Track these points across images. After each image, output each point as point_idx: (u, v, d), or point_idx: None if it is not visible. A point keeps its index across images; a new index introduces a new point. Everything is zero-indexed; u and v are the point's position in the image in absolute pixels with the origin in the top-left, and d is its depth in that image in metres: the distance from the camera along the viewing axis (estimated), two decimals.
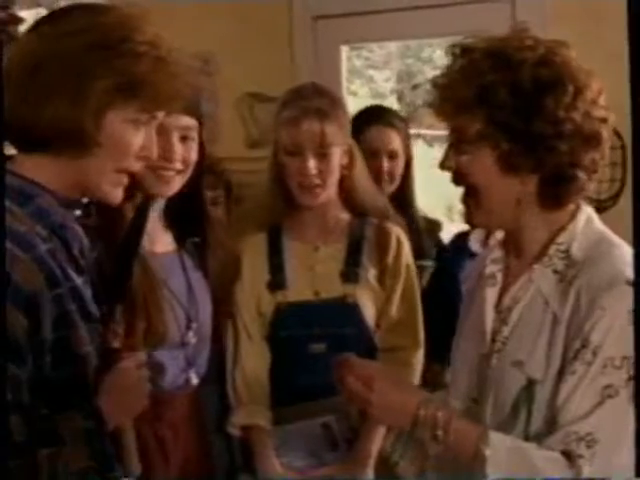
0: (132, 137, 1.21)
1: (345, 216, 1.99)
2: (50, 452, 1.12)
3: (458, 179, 1.33)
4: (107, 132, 1.18)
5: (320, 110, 1.87)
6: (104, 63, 1.15)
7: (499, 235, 1.46)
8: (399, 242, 1.98)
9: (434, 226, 2.52)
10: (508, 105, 1.24)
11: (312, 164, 1.86)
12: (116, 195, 1.25)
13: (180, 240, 1.79)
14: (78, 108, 1.14)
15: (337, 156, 1.90)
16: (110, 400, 1.24)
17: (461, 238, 2.48)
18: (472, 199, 1.33)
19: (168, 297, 1.69)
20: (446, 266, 2.37)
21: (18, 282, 1.11)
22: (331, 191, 1.93)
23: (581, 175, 1.28)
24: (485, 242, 2.29)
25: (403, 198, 2.39)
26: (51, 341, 1.16)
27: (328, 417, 1.86)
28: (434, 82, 1.32)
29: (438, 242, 2.50)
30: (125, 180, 1.24)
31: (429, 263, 2.36)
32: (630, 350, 0.95)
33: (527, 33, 1.31)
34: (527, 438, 1.28)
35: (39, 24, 1.21)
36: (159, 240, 1.73)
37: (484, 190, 1.30)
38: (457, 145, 1.31)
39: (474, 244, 2.24)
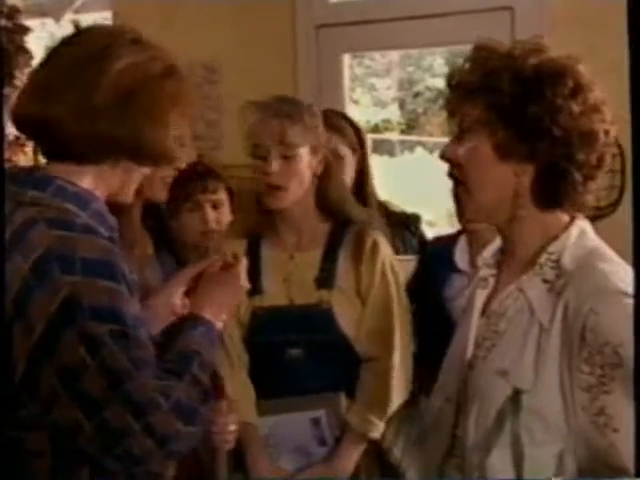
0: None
1: (325, 225, 1.98)
2: None
3: (454, 170, 1.35)
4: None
5: (280, 111, 1.90)
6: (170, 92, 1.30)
7: (487, 253, 1.47)
8: (374, 248, 1.94)
9: (412, 220, 2.47)
10: (508, 91, 1.27)
11: (275, 165, 1.88)
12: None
13: (158, 244, 1.85)
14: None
15: (304, 160, 1.91)
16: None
17: (442, 242, 2.42)
18: (465, 192, 1.34)
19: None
20: (427, 270, 2.28)
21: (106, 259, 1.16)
22: (298, 195, 1.92)
23: (575, 173, 1.28)
24: (473, 261, 2.25)
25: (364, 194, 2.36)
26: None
27: (318, 411, 1.86)
28: (448, 78, 1.36)
29: (420, 236, 2.46)
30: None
31: (411, 257, 2.32)
32: None
33: (539, 39, 1.35)
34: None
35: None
36: (138, 242, 1.78)
37: (479, 181, 1.32)
38: (459, 135, 1.34)
39: (460, 261, 2.19)
